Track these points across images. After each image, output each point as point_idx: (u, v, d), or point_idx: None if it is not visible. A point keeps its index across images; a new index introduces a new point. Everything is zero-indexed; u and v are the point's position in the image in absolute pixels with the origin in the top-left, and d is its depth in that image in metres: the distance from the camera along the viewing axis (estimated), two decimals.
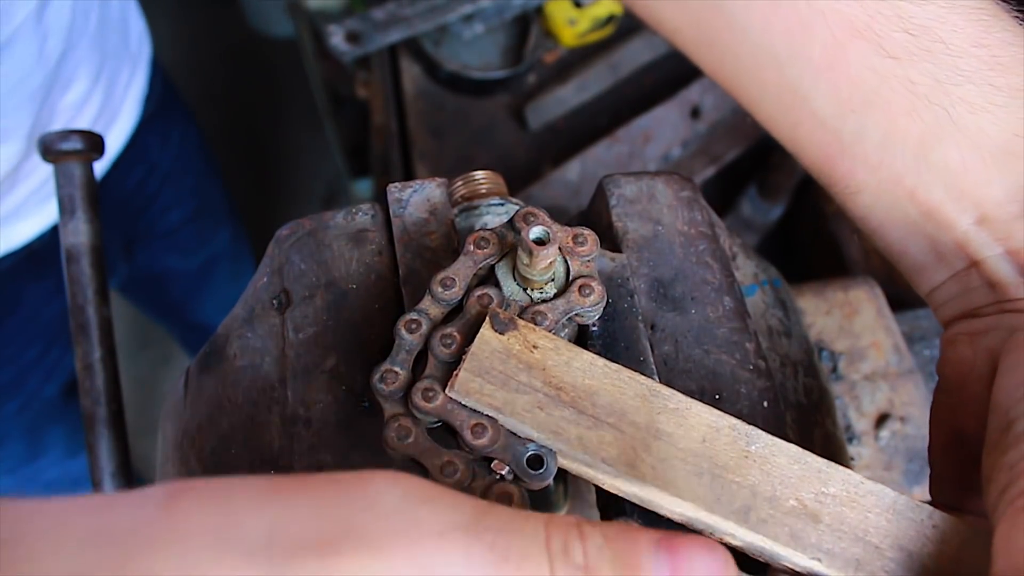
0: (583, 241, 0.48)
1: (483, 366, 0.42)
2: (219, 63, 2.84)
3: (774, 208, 1.34)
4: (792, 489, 0.41)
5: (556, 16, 1.31)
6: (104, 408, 0.71)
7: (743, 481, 0.41)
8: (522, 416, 0.41)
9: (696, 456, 0.41)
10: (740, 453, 0.42)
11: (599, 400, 0.42)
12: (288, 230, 0.57)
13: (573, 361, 0.43)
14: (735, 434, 0.42)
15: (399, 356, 0.45)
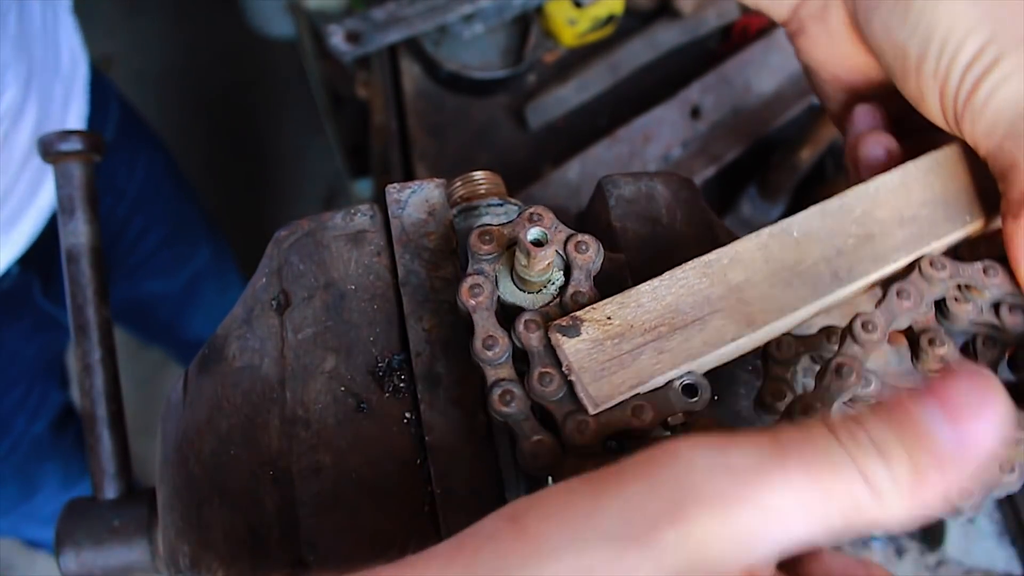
0: (584, 248, 0.48)
1: (595, 370, 0.42)
2: (219, 63, 2.84)
3: (774, 208, 1.33)
4: (841, 236, 0.47)
5: (556, 16, 1.31)
6: (104, 408, 0.71)
7: (813, 259, 0.46)
8: (656, 371, 0.43)
9: (774, 275, 0.46)
10: (792, 245, 0.47)
11: (684, 306, 0.44)
12: (287, 231, 0.57)
13: (640, 299, 0.45)
14: (776, 237, 0.47)
15: (525, 428, 0.43)
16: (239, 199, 2.59)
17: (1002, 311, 0.49)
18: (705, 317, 0.44)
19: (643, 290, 0.45)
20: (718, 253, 0.46)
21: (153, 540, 0.67)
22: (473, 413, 0.50)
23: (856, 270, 0.47)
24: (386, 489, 0.48)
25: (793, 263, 0.46)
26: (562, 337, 0.43)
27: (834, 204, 0.48)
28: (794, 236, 0.47)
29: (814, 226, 0.47)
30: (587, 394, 0.42)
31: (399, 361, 0.51)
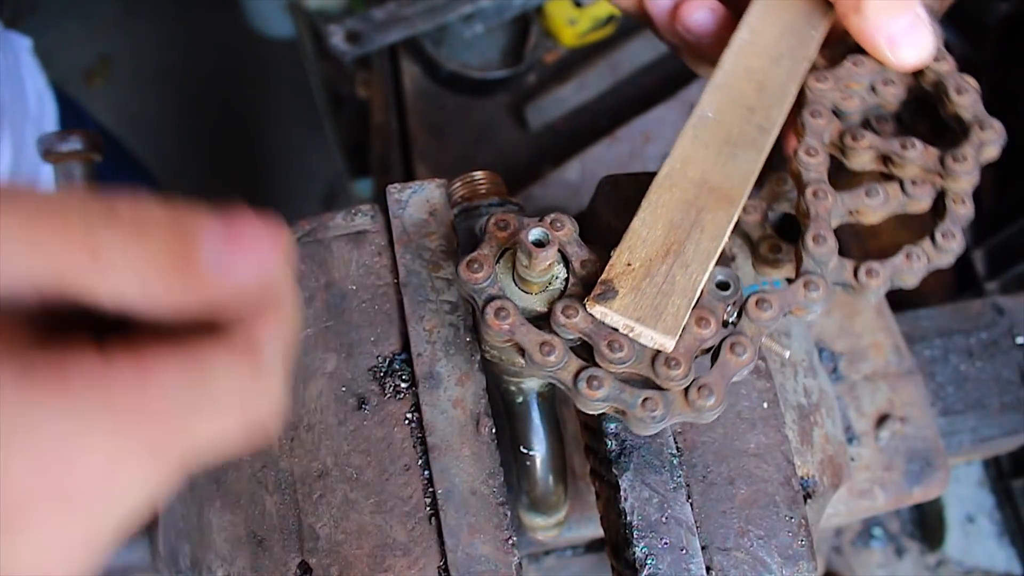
0: (560, 225, 0.49)
1: (650, 313, 0.44)
2: (219, 63, 2.84)
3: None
4: (742, 97, 0.52)
5: (556, 16, 1.30)
6: None
7: (737, 126, 0.51)
8: (695, 283, 0.46)
9: (719, 154, 0.50)
10: (715, 124, 0.51)
11: (676, 220, 0.48)
12: (288, 231, 0.57)
13: (641, 235, 0.47)
14: (699, 125, 0.51)
15: (628, 394, 0.44)
16: (239, 199, 2.58)
17: (878, 89, 0.54)
18: (698, 218, 0.48)
19: (636, 227, 0.47)
20: (668, 164, 0.49)
21: (153, 540, 0.67)
22: (474, 413, 0.50)
23: (772, 116, 0.51)
24: (387, 490, 0.48)
25: (725, 137, 0.50)
26: (603, 304, 0.44)
27: (720, 77, 0.52)
28: (711, 116, 0.51)
29: (719, 100, 0.51)
30: (656, 336, 0.44)
31: (400, 361, 0.51)
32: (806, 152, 0.51)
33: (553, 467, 0.61)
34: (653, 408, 0.43)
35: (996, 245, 1.18)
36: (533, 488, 0.61)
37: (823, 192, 0.50)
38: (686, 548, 0.48)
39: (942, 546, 1.09)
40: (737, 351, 0.45)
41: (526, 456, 0.59)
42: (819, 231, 0.49)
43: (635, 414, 0.43)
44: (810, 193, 0.50)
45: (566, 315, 0.45)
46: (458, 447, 0.49)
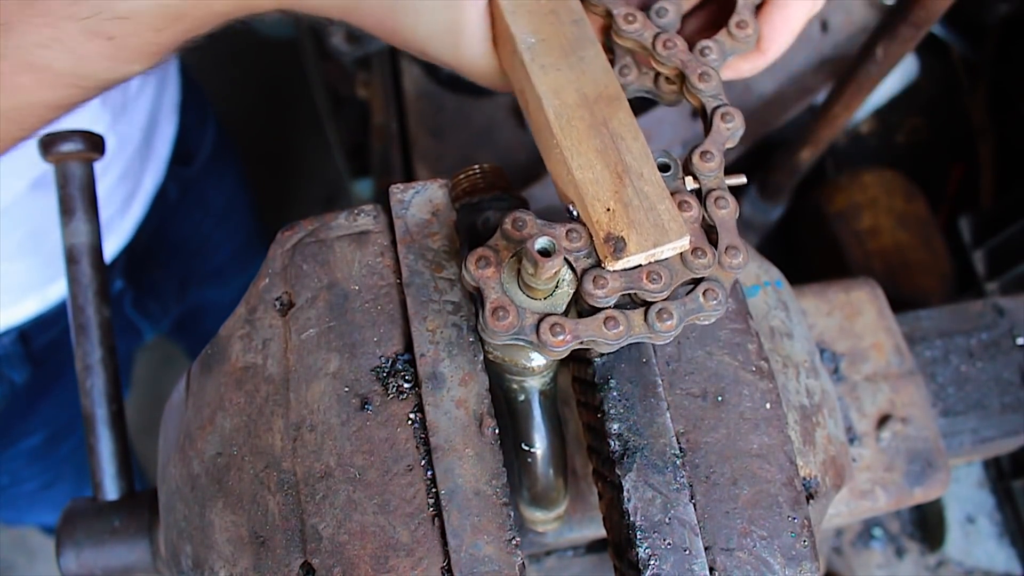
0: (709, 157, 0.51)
1: (656, 236, 0.47)
2: (219, 63, 2.83)
3: (774, 208, 1.34)
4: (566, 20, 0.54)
5: None
6: (104, 408, 0.71)
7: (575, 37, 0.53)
8: (659, 176, 0.50)
9: (572, 69, 0.52)
10: (559, 54, 0.53)
11: (602, 138, 0.50)
12: (289, 231, 0.57)
13: (590, 175, 0.49)
14: (542, 58, 0.52)
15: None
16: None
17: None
18: (611, 131, 0.50)
19: (581, 178, 0.49)
20: (548, 105, 0.51)
21: (154, 541, 0.67)
22: (477, 414, 0.50)
23: (573, 6, 0.54)
24: (390, 490, 0.48)
25: (561, 49, 0.52)
26: (620, 256, 0.47)
27: (509, 4, 0.53)
28: (534, 41, 0.52)
29: (527, 22, 0.53)
30: (674, 244, 0.47)
31: (403, 362, 0.51)
32: (664, 44, 0.54)
33: (554, 463, 0.61)
34: (616, 326, 0.47)
35: (996, 245, 1.18)
36: (534, 484, 0.61)
37: (672, 41, 0.54)
38: (689, 549, 0.48)
39: (942, 547, 1.09)
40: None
41: (527, 453, 0.59)
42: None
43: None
44: (660, 44, 0.53)
45: (599, 286, 0.47)
46: (461, 447, 0.49)
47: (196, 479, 0.54)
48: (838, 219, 1.23)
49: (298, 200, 2.68)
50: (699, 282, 0.49)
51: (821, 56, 1.40)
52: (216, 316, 1.57)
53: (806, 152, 1.17)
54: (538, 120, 0.52)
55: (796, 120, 1.35)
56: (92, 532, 0.67)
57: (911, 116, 1.44)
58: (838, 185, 1.27)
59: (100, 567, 0.67)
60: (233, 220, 1.43)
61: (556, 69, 0.51)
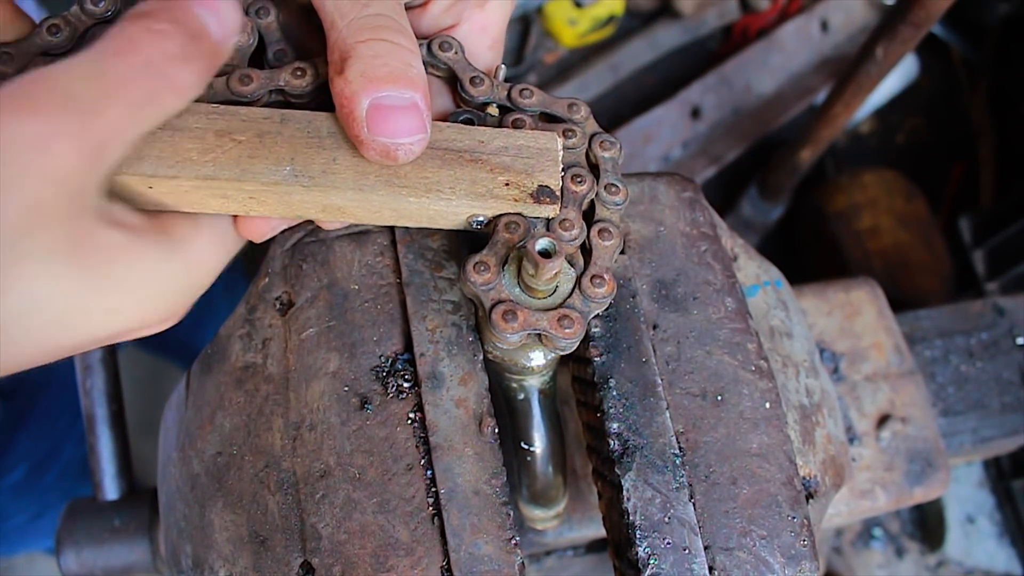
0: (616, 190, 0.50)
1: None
2: None
3: (774, 208, 1.34)
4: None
5: (556, 16, 1.31)
6: (104, 408, 0.71)
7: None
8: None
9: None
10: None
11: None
12: (289, 230, 0.57)
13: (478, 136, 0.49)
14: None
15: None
16: None
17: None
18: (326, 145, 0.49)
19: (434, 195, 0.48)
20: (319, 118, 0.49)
21: (154, 540, 0.67)
22: (477, 413, 0.50)
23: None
24: (390, 490, 0.48)
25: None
26: (551, 197, 0.49)
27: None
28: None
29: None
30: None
31: (403, 361, 0.51)
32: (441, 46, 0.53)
33: (553, 462, 0.61)
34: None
35: (996, 245, 1.19)
36: (534, 482, 0.61)
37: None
38: (689, 548, 0.48)
39: (942, 546, 1.09)
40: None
41: (527, 452, 0.59)
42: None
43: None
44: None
45: (564, 227, 0.48)
46: (461, 447, 0.49)
47: (196, 478, 0.54)
48: (838, 219, 1.23)
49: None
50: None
51: (821, 56, 1.40)
52: (183, 325, 1.57)
53: (806, 152, 1.17)
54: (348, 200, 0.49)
55: (796, 120, 1.35)
56: (92, 532, 0.67)
57: (911, 116, 1.44)
58: (838, 185, 1.27)
59: (100, 566, 0.67)
60: None
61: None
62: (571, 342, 0.47)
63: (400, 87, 0.46)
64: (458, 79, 0.53)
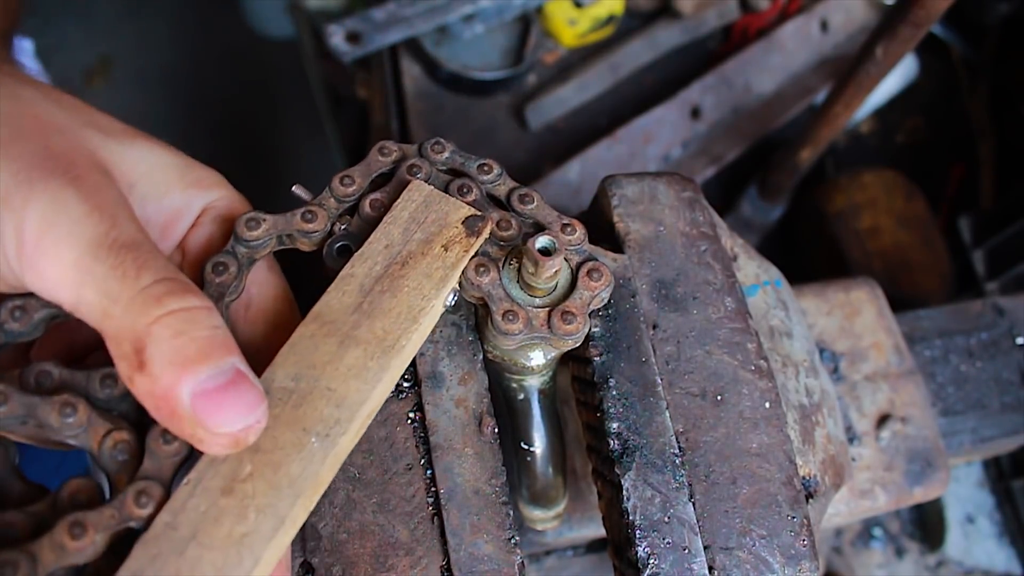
0: (572, 231, 0.48)
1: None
2: (219, 64, 2.84)
3: (774, 208, 1.34)
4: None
5: (556, 16, 1.31)
6: None
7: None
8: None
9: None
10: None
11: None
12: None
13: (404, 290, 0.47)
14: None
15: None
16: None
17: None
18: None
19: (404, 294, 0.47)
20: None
21: None
22: (477, 413, 0.50)
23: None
24: (390, 489, 0.48)
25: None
26: (466, 223, 0.48)
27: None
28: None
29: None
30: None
31: None
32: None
33: (553, 462, 0.61)
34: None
35: (996, 245, 1.19)
36: (534, 482, 0.61)
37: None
38: (688, 548, 0.48)
39: (942, 546, 1.09)
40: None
41: (527, 451, 0.59)
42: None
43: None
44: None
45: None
46: (460, 446, 0.49)
47: None
48: (838, 219, 1.23)
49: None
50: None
51: (821, 56, 1.40)
52: None
53: (806, 152, 1.17)
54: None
55: (796, 120, 1.35)
56: None
57: (911, 116, 1.44)
58: (838, 185, 1.27)
59: None
60: None
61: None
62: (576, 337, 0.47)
63: (217, 359, 0.39)
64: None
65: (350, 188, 0.50)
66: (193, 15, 2.92)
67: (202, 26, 2.91)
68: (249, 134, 2.78)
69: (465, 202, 0.49)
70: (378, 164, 0.52)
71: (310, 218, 0.49)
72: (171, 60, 2.84)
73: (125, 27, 2.88)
